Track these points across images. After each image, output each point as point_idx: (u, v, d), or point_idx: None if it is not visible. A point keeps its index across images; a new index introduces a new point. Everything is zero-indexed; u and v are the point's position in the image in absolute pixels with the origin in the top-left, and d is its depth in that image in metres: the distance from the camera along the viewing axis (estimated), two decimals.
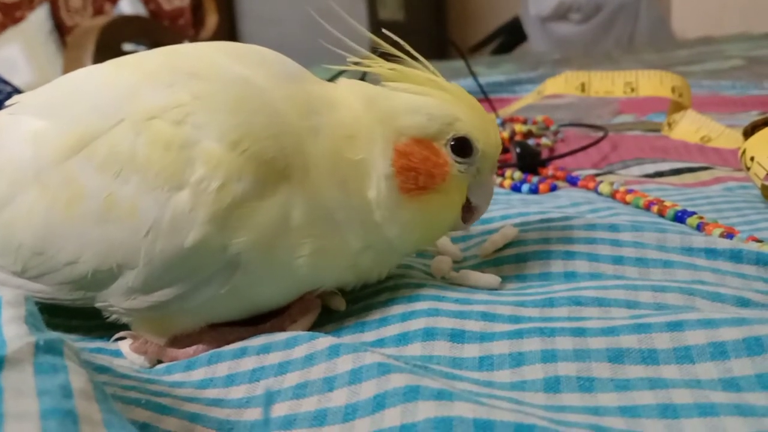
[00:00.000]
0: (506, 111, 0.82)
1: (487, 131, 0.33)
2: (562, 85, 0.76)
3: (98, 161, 0.29)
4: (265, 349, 0.30)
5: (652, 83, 0.72)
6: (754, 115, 0.73)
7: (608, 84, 0.73)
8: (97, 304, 0.31)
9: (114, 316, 0.32)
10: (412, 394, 0.24)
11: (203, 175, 0.28)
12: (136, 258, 0.29)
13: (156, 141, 0.29)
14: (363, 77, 0.41)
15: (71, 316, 0.35)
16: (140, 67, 0.32)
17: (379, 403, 0.25)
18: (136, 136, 0.29)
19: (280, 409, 0.26)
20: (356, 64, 0.34)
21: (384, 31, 0.34)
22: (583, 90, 0.74)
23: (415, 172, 0.32)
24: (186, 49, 0.34)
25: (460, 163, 0.33)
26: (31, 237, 0.30)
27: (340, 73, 0.78)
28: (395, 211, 0.32)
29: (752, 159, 0.47)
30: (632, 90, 0.72)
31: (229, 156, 0.28)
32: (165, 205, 0.28)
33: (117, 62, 0.33)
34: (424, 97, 0.33)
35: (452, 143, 0.32)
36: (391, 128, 0.32)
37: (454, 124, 0.32)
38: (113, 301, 0.31)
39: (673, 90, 0.71)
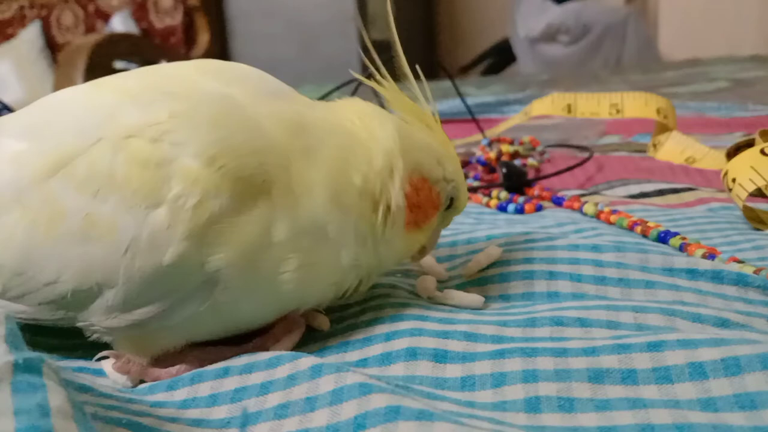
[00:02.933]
0: (493, 131, 0.83)
1: (465, 189, 0.37)
2: (548, 106, 0.77)
3: (77, 181, 0.29)
4: (248, 369, 0.30)
5: (638, 105, 0.73)
6: (738, 137, 0.74)
7: (594, 105, 0.74)
8: (79, 324, 0.31)
9: (96, 335, 0.32)
10: (392, 414, 0.24)
11: (180, 192, 0.28)
12: (116, 276, 0.29)
13: (133, 159, 0.29)
14: (354, 93, 0.41)
15: (54, 335, 0.35)
16: (119, 87, 0.32)
17: (360, 424, 0.25)
18: (114, 155, 0.29)
19: (261, 430, 0.26)
20: (372, 80, 0.35)
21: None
22: (569, 111, 0.75)
23: (418, 208, 0.34)
24: (166, 68, 0.34)
25: (443, 211, 0.36)
26: (12, 258, 0.30)
27: (336, 88, 0.79)
28: (394, 238, 0.34)
29: (734, 180, 0.48)
30: (618, 111, 0.73)
31: (205, 172, 0.29)
32: (143, 222, 0.28)
33: (96, 83, 0.33)
34: (429, 138, 0.35)
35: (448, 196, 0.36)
36: (410, 160, 0.34)
37: (453, 179, 0.36)
38: (94, 320, 0.30)
39: (658, 111, 0.72)
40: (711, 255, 0.40)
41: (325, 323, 0.34)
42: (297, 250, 0.30)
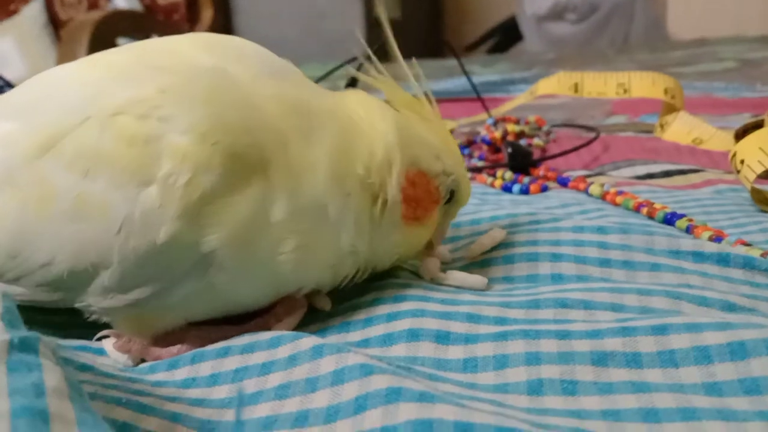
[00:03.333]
0: (499, 111, 0.82)
1: (467, 182, 0.37)
2: (554, 85, 0.76)
3: (67, 160, 0.29)
4: (249, 349, 0.30)
5: (645, 84, 0.72)
6: (746, 118, 0.73)
7: (601, 85, 0.73)
8: (77, 305, 0.31)
9: (95, 316, 0.32)
10: (393, 395, 0.24)
11: (171, 170, 0.28)
12: (110, 256, 0.28)
13: (121, 136, 0.28)
14: (353, 83, 0.41)
15: (56, 313, 0.35)
16: (109, 64, 0.32)
17: (360, 405, 0.24)
18: (101, 133, 0.28)
19: (261, 410, 0.26)
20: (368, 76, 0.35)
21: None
22: (576, 90, 0.74)
23: (416, 202, 0.34)
24: (157, 43, 0.33)
25: (444, 205, 0.36)
26: (5, 239, 0.30)
27: (337, 68, 0.78)
28: (390, 231, 0.33)
29: (742, 162, 0.47)
30: (625, 91, 0.72)
31: (196, 149, 0.28)
32: (134, 201, 0.28)
33: (86, 60, 0.33)
34: (427, 132, 0.35)
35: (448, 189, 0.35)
36: (408, 154, 0.33)
37: (452, 173, 0.35)
38: (92, 301, 0.30)
39: (665, 92, 0.71)
40: (718, 237, 0.40)
41: (327, 304, 0.34)
42: (295, 230, 0.30)
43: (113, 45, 1.55)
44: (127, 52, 0.33)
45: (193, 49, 0.32)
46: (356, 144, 0.32)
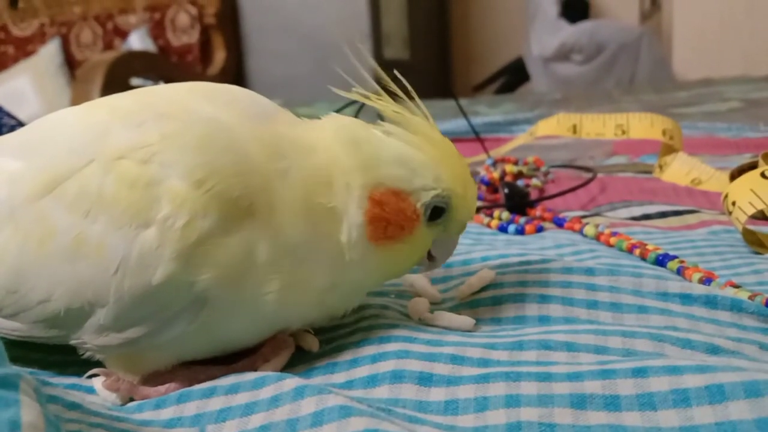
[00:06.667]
0: (499, 151, 0.83)
1: (465, 197, 0.34)
2: (554, 126, 0.77)
3: (69, 200, 0.30)
4: (234, 389, 0.30)
5: (643, 126, 0.73)
6: (747, 158, 0.73)
7: (599, 126, 0.74)
8: (72, 342, 0.32)
9: (88, 353, 0.32)
10: None
11: (169, 213, 0.29)
12: (106, 295, 0.29)
13: (123, 180, 0.29)
14: (357, 113, 0.41)
15: (50, 351, 0.36)
16: (113, 108, 0.33)
17: None
18: (104, 176, 0.30)
19: None
20: (365, 97, 0.34)
21: (394, 72, 0.35)
22: (574, 132, 0.75)
23: (386, 222, 0.33)
24: (159, 90, 0.35)
25: (429, 222, 0.34)
26: (5, 275, 0.31)
27: (346, 105, 0.80)
28: (363, 255, 0.33)
29: (734, 204, 0.47)
30: (623, 132, 0.73)
31: (194, 194, 0.29)
32: (132, 242, 0.29)
33: (91, 104, 0.34)
34: (412, 149, 0.33)
35: (427, 206, 0.33)
36: (371, 176, 0.32)
37: (435, 188, 0.33)
38: (86, 338, 0.31)
39: (663, 133, 0.72)
40: (708, 279, 0.40)
41: (315, 344, 0.34)
42: (278, 271, 0.31)
43: (127, 85, 1.58)
44: (131, 97, 0.34)
45: (190, 97, 0.33)
46: (319, 176, 0.32)
